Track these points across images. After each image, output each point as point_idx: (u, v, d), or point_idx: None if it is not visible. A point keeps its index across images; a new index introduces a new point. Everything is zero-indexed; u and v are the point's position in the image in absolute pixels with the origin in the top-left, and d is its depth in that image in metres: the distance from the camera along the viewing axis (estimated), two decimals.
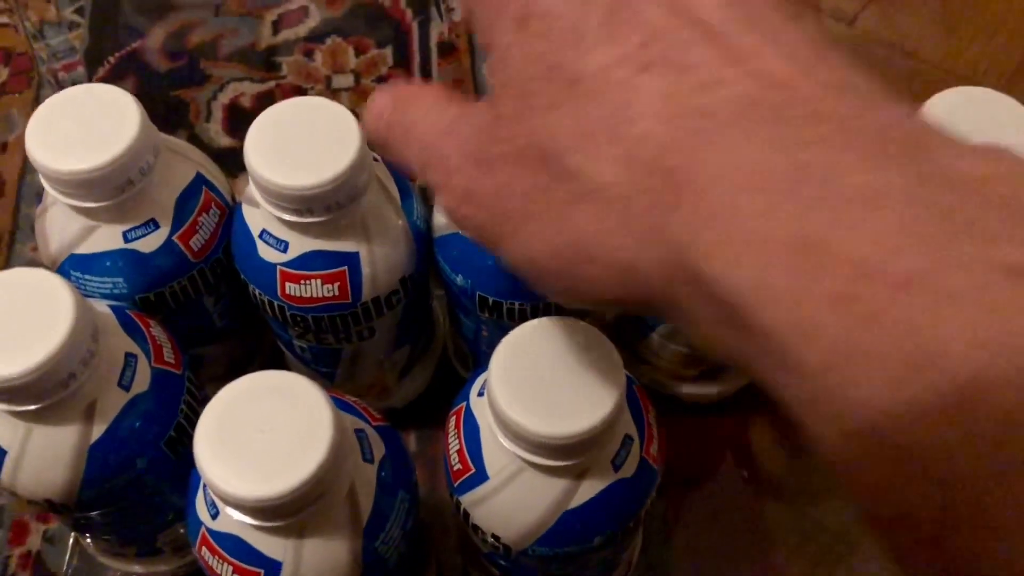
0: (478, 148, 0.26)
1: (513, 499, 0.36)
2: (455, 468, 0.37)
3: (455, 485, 0.38)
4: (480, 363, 0.45)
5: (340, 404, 0.36)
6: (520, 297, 0.43)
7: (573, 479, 0.35)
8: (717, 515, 0.53)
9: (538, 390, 0.33)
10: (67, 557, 0.50)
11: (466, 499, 0.37)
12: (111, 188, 0.39)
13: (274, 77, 0.66)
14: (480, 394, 0.37)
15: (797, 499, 0.53)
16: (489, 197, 0.26)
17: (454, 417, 0.38)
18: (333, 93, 0.65)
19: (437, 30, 0.68)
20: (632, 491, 0.37)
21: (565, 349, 0.34)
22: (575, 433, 0.32)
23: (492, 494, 0.36)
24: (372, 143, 0.31)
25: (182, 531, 0.44)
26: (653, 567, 0.50)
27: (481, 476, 0.36)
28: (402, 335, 0.48)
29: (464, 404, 0.38)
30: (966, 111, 0.39)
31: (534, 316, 0.36)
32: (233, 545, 0.35)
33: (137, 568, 0.48)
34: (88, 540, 0.48)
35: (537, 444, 0.33)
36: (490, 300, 0.43)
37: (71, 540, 0.50)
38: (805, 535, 0.52)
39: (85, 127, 0.39)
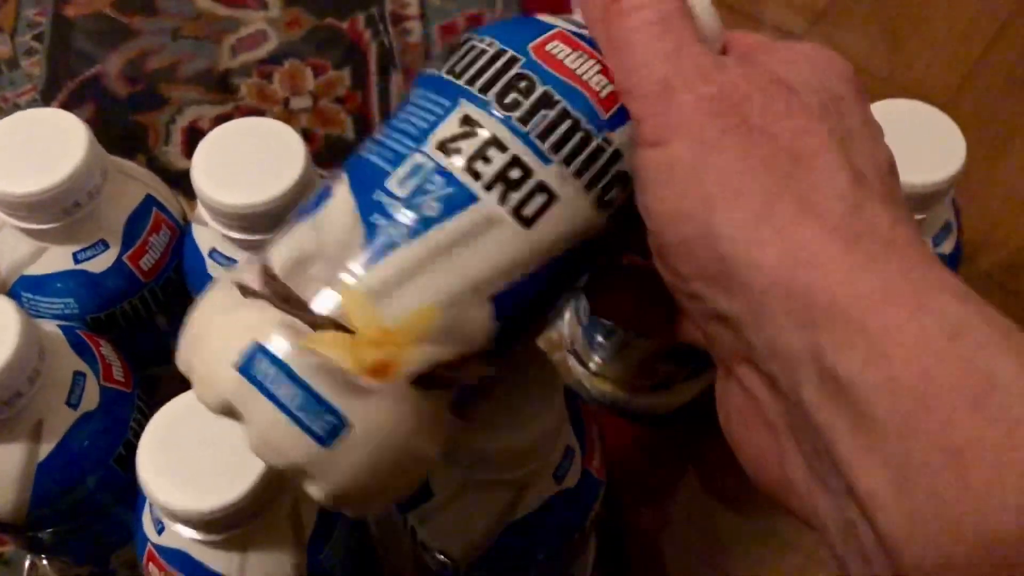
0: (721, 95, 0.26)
1: (458, 515, 0.36)
2: None
3: (402, 503, 0.38)
4: None
5: None
6: None
7: (516, 492, 0.36)
8: (674, 527, 0.53)
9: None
10: None
11: (413, 516, 0.38)
12: (59, 210, 0.40)
13: (232, 100, 0.67)
14: None
15: (756, 511, 0.53)
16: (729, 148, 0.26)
17: None
18: (291, 114, 0.66)
19: (393, 54, 0.69)
20: (575, 502, 0.37)
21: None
22: (517, 445, 0.33)
23: (437, 510, 0.37)
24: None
25: (135, 551, 0.45)
26: None
27: (425, 493, 0.37)
28: None
29: None
30: (892, 123, 0.40)
31: None
32: (179, 560, 0.35)
33: None
34: (44, 561, 0.48)
35: (479, 457, 0.34)
36: None
37: (27, 563, 0.50)
38: (765, 548, 0.52)
39: (33, 150, 0.39)
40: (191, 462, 0.32)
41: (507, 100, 0.27)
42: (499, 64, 0.27)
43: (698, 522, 0.53)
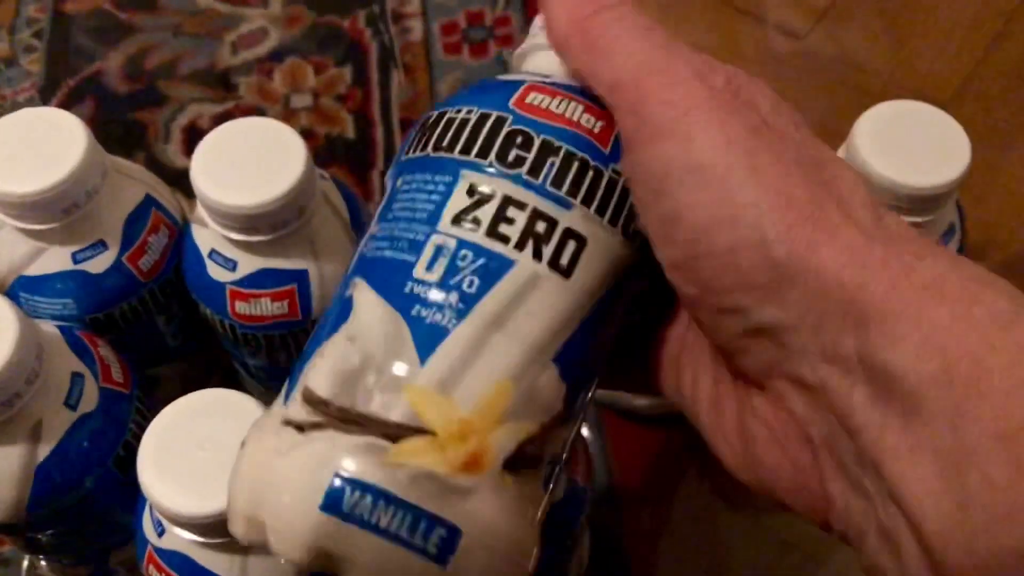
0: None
1: None
2: None
3: None
4: None
5: None
6: None
7: None
8: (674, 527, 0.53)
9: None
10: None
11: None
12: (58, 210, 0.40)
13: (232, 98, 0.67)
14: None
15: (762, 514, 0.53)
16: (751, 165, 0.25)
17: None
18: (292, 113, 0.66)
19: (395, 54, 0.69)
20: (563, 511, 0.37)
21: None
22: None
23: None
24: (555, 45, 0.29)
25: (134, 552, 0.45)
26: None
27: None
28: None
29: None
30: (897, 125, 0.40)
31: None
32: (179, 562, 0.35)
33: None
34: (42, 562, 0.48)
35: None
36: None
37: (25, 563, 0.50)
38: (770, 550, 0.52)
39: (32, 150, 0.39)
40: (192, 465, 0.32)
41: (510, 159, 0.26)
42: (488, 127, 0.27)
43: (699, 522, 0.53)
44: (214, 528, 0.32)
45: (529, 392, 0.25)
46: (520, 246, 0.26)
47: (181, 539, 0.34)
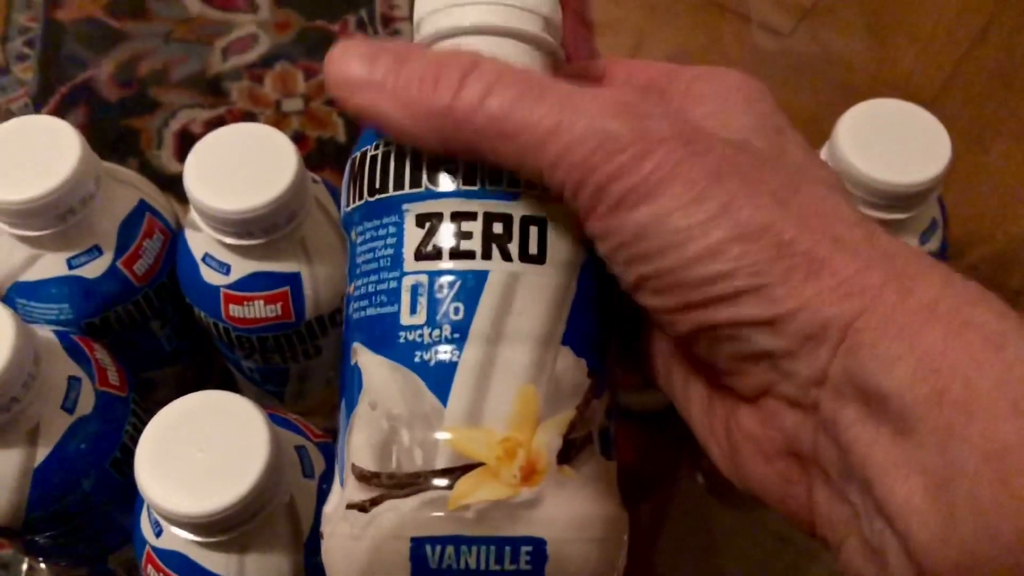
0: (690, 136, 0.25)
1: None
2: None
3: None
4: None
5: (279, 421, 0.37)
6: None
7: None
8: (671, 526, 0.53)
9: None
10: None
11: None
12: (53, 216, 0.40)
13: (224, 103, 0.67)
14: None
15: (756, 509, 0.54)
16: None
17: None
18: (283, 117, 0.66)
19: None
20: None
21: None
22: None
23: None
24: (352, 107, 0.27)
25: (133, 553, 0.45)
26: None
27: None
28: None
29: None
30: (878, 123, 0.41)
31: None
32: (177, 562, 0.35)
33: None
34: (41, 565, 0.49)
35: None
36: None
37: (24, 567, 0.51)
38: (764, 545, 0.53)
39: (27, 158, 0.40)
40: (189, 465, 0.33)
41: (441, 176, 0.26)
42: (410, 153, 0.27)
43: (694, 518, 0.54)
44: (211, 527, 0.33)
45: (553, 384, 0.26)
46: (486, 255, 0.26)
47: (179, 539, 0.34)
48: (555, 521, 0.25)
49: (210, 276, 0.42)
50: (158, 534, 0.36)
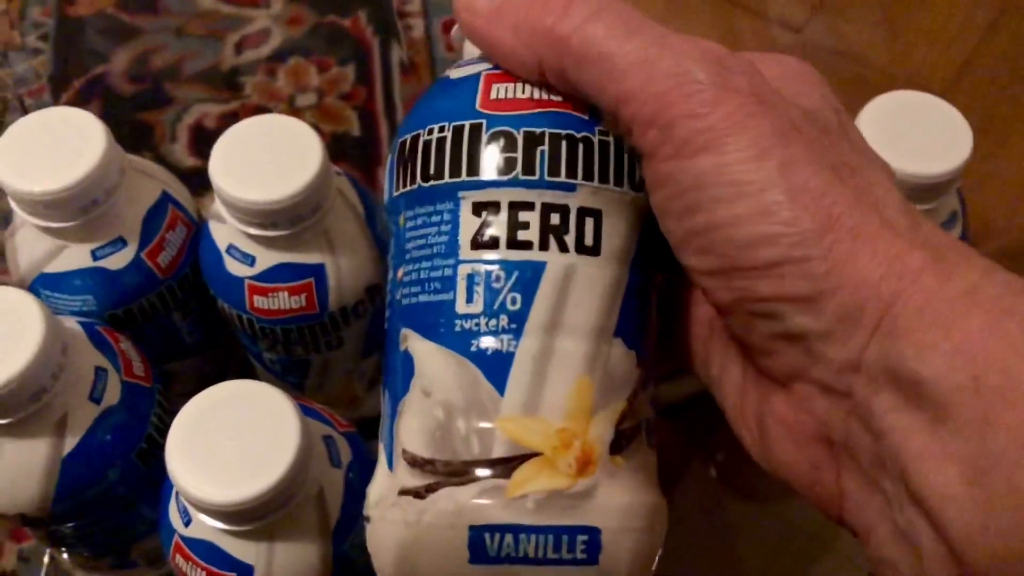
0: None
1: None
2: None
3: None
4: None
5: (307, 411, 0.37)
6: None
7: None
8: (685, 517, 0.54)
9: None
10: (42, 574, 0.51)
11: None
12: (78, 208, 0.40)
13: (237, 97, 0.67)
14: None
15: (768, 500, 0.54)
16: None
17: None
18: (296, 111, 0.67)
19: (398, 53, 0.70)
20: None
21: None
22: None
23: None
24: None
25: (155, 543, 0.45)
26: None
27: None
28: (370, 345, 0.49)
29: None
30: (899, 115, 0.41)
31: None
32: (206, 551, 0.35)
33: None
34: (64, 555, 0.49)
35: None
36: None
37: (46, 558, 0.51)
38: (777, 536, 0.53)
39: (52, 149, 0.40)
40: (219, 454, 0.33)
41: (500, 164, 0.26)
42: (467, 140, 0.27)
43: (705, 510, 0.54)
44: (241, 516, 0.33)
45: (607, 376, 0.26)
46: (544, 246, 0.26)
47: (208, 528, 0.35)
48: (609, 510, 0.25)
49: (235, 267, 0.42)
50: (187, 523, 0.36)
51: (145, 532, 0.44)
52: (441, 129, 0.27)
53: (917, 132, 0.40)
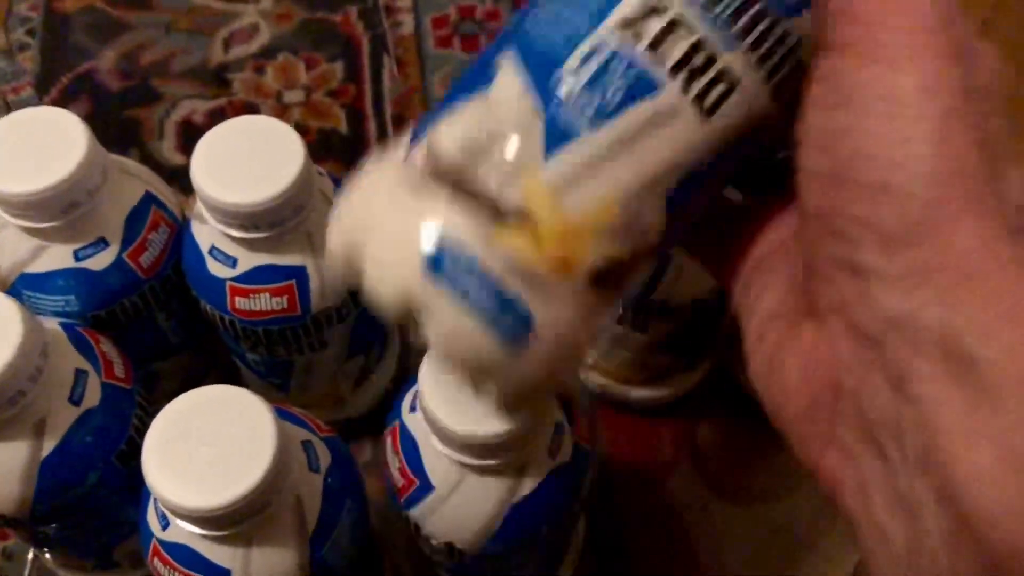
0: None
1: (460, 504, 0.37)
2: (399, 485, 0.38)
3: (402, 501, 0.38)
4: None
5: (286, 416, 0.37)
6: None
7: (514, 474, 0.37)
8: (670, 517, 0.54)
9: (468, 395, 0.34)
10: (26, 573, 0.51)
11: (415, 513, 0.38)
12: (60, 208, 0.40)
13: (225, 94, 0.67)
14: (412, 409, 0.38)
15: (753, 500, 0.54)
16: None
17: (390, 437, 0.39)
18: (284, 108, 0.66)
19: (387, 62, 0.70)
20: (571, 475, 0.38)
21: None
22: (509, 431, 0.34)
23: (440, 503, 0.37)
24: None
25: (137, 545, 0.45)
26: (605, 567, 0.52)
27: (426, 487, 0.37)
28: (354, 346, 0.49)
29: (398, 422, 0.39)
30: None
31: None
32: (183, 555, 0.35)
33: None
34: (47, 555, 0.49)
35: (475, 447, 0.34)
36: None
37: (29, 556, 0.51)
38: (761, 537, 0.53)
39: (33, 149, 0.40)
40: (196, 460, 0.33)
41: None
42: None
43: (691, 510, 0.54)
44: (218, 521, 0.33)
45: (633, 217, 0.25)
46: (674, 72, 0.25)
47: (185, 532, 0.35)
48: (553, 316, 0.25)
49: (216, 269, 0.42)
50: (165, 527, 0.36)
51: (127, 533, 0.44)
52: None
53: None
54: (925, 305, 0.23)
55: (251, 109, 0.66)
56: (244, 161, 0.40)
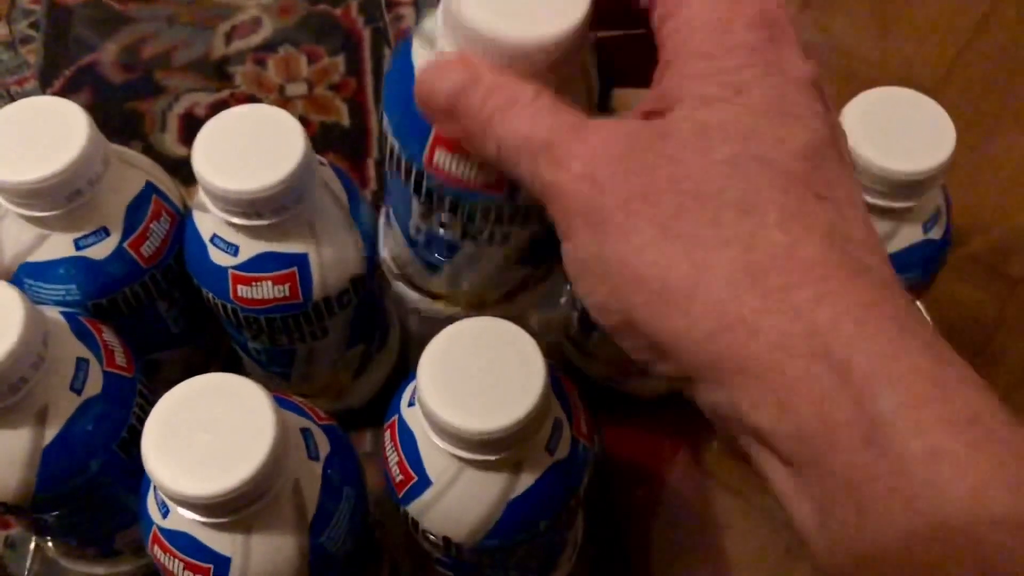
0: (632, 149, 0.27)
1: (458, 499, 0.37)
2: (398, 479, 0.38)
3: (400, 496, 0.38)
4: None
5: (285, 404, 0.37)
6: None
7: (512, 470, 0.37)
8: (667, 505, 0.54)
9: (466, 390, 0.34)
10: (28, 562, 0.51)
11: (413, 507, 0.38)
12: (61, 197, 0.40)
13: (228, 87, 0.67)
14: (411, 404, 0.38)
15: (747, 489, 0.54)
16: (621, 194, 0.26)
17: (388, 430, 0.39)
18: (286, 101, 0.67)
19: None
20: (569, 471, 0.38)
21: (485, 348, 0.35)
22: (507, 426, 0.34)
23: (437, 498, 0.37)
24: (431, 112, 0.30)
25: (139, 533, 0.45)
26: (604, 560, 0.52)
27: (424, 483, 0.37)
28: (355, 335, 0.49)
29: (396, 416, 0.39)
30: (883, 111, 0.41)
31: None
32: (183, 542, 0.36)
33: (98, 570, 0.49)
34: (49, 543, 0.49)
35: (473, 442, 0.34)
36: None
37: (32, 545, 0.51)
38: (762, 531, 0.53)
39: (35, 138, 0.40)
40: (195, 447, 0.33)
41: None
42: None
43: (690, 502, 0.54)
44: (217, 508, 0.33)
45: None
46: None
47: (185, 520, 0.35)
48: None
49: (218, 257, 0.42)
50: (165, 514, 0.36)
51: (129, 522, 0.45)
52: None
53: (901, 129, 0.40)
54: (712, 391, 0.26)
55: (253, 102, 0.65)
56: (245, 149, 0.40)
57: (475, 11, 0.29)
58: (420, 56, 0.33)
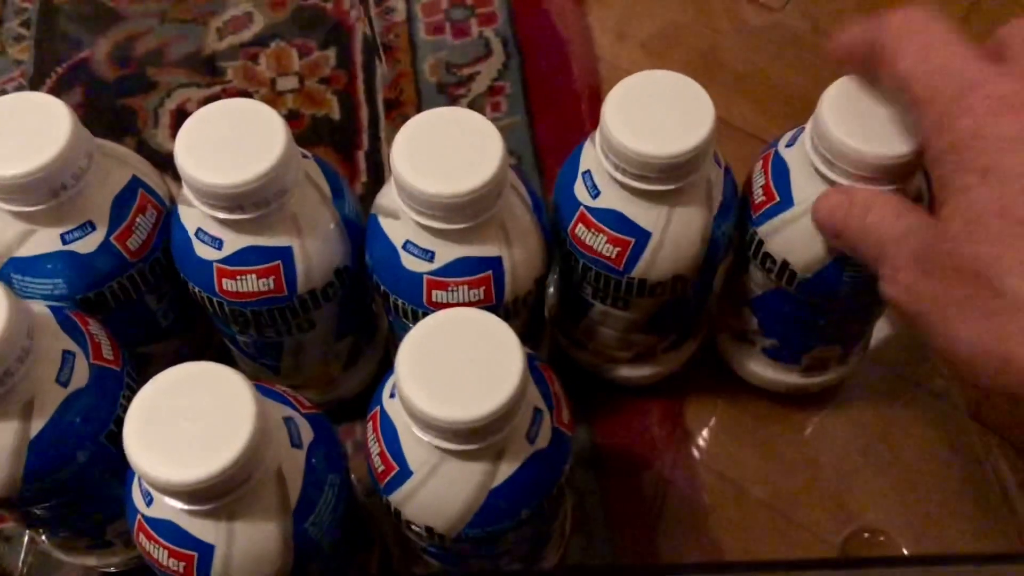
0: (925, 256, 0.33)
1: (439, 489, 0.37)
2: (379, 470, 0.39)
3: (382, 486, 0.39)
4: None
5: (267, 392, 0.38)
6: None
7: (492, 459, 0.37)
8: (657, 494, 0.54)
9: (445, 380, 0.35)
10: (22, 555, 0.51)
11: (394, 498, 0.39)
12: (46, 192, 0.41)
13: (220, 82, 0.68)
14: (392, 395, 0.38)
15: (737, 475, 0.54)
16: (928, 296, 0.33)
17: (371, 422, 0.39)
18: (278, 95, 0.67)
19: (377, 38, 0.70)
20: (550, 461, 0.38)
21: (463, 338, 0.36)
22: (485, 415, 0.34)
23: (418, 488, 0.38)
24: (823, 230, 0.41)
25: None
26: (593, 547, 0.52)
27: (405, 473, 0.38)
28: (343, 326, 0.49)
29: (378, 408, 0.39)
30: (862, 97, 0.41)
31: None
32: (167, 530, 0.36)
33: (91, 561, 0.49)
34: (42, 536, 0.49)
35: (450, 431, 0.34)
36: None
37: (26, 538, 0.51)
38: (754, 515, 0.53)
39: (18, 133, 0.40)
40: (176, 435, 0.33)
41: None
42: None
43: (685, 488, 0.54)
44: (199, 496, 0.33)
45: None
46: None
47: (169, 508, 0.35)
48: None
49: (203, 251, 0.43)
50: (149, 503, 0.37)
51: (119, 513, 0.44)
52: None
53: (880, 113, 0.40)
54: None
55: (245, 97, 0.65)
56: (227, 143, 0.40)
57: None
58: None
